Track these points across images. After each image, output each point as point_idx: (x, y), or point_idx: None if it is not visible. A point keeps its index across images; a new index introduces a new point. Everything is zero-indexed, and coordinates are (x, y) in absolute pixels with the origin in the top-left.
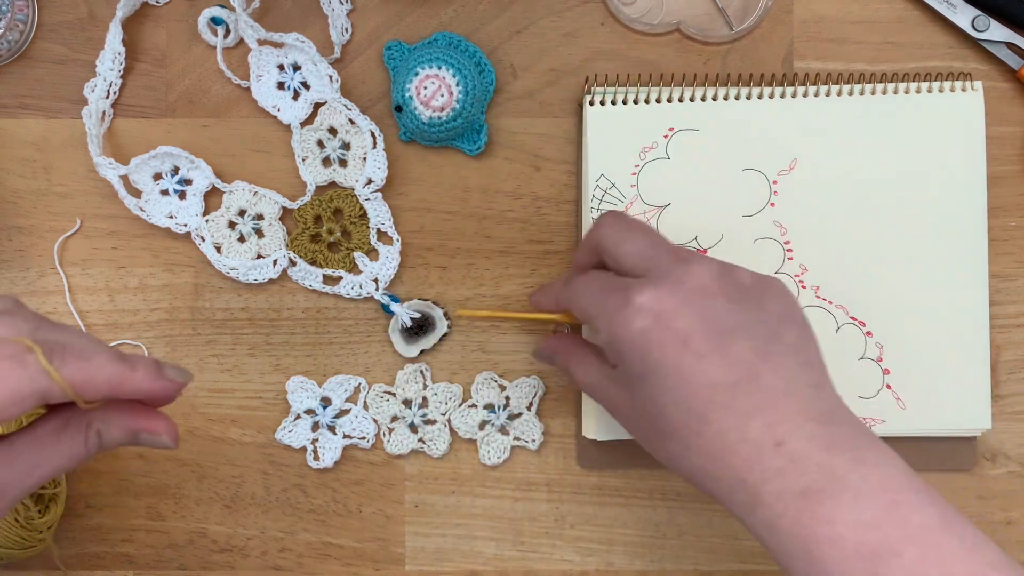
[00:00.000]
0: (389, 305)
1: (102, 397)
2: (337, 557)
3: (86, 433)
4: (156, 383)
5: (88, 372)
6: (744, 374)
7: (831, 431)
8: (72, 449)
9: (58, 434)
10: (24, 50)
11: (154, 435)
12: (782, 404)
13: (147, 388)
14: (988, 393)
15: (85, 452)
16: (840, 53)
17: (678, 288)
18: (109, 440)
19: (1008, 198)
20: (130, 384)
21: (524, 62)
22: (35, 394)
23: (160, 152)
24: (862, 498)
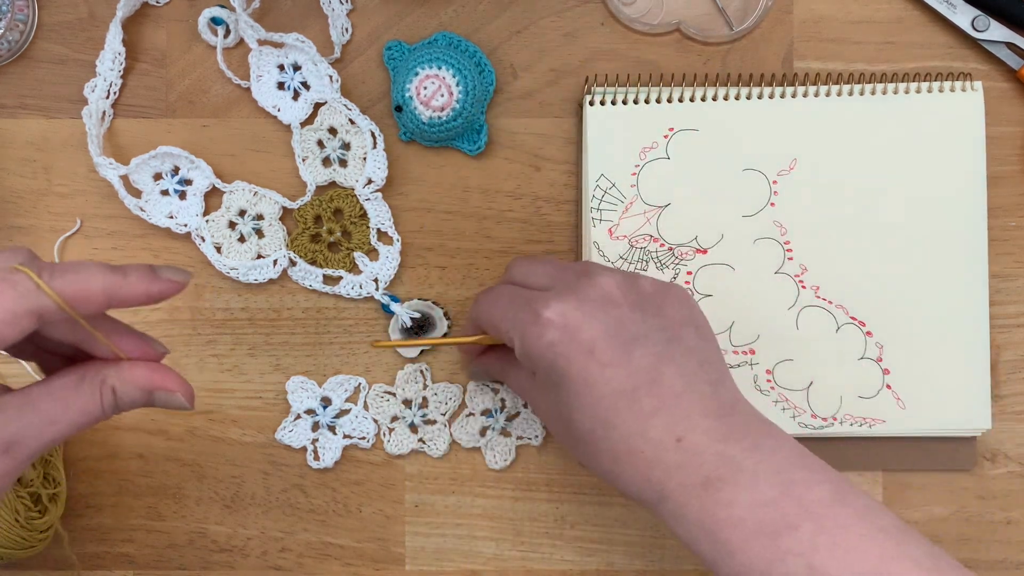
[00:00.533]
0: (389, 305)
1: (98, 308)
2: (337, 557)
3: (101, 388)
4: (152, 284)
5: (79, 283)
6: (645, 379)
7: (727, 423)
8: (88, 403)
9: (74, 388)
10: (24, 50)
11: (169, 393)
12: (681, 403)
13: (143, 290)
14: (988, 393)
15: (100, 409)
16: (840, 53)
17: (583, 300)
18: (124, 397)
19: (1008, 198)
20: (124, 289)
21: (524, 62)
22: (28, 312)
23: (160, 152)
24: (759, 481)
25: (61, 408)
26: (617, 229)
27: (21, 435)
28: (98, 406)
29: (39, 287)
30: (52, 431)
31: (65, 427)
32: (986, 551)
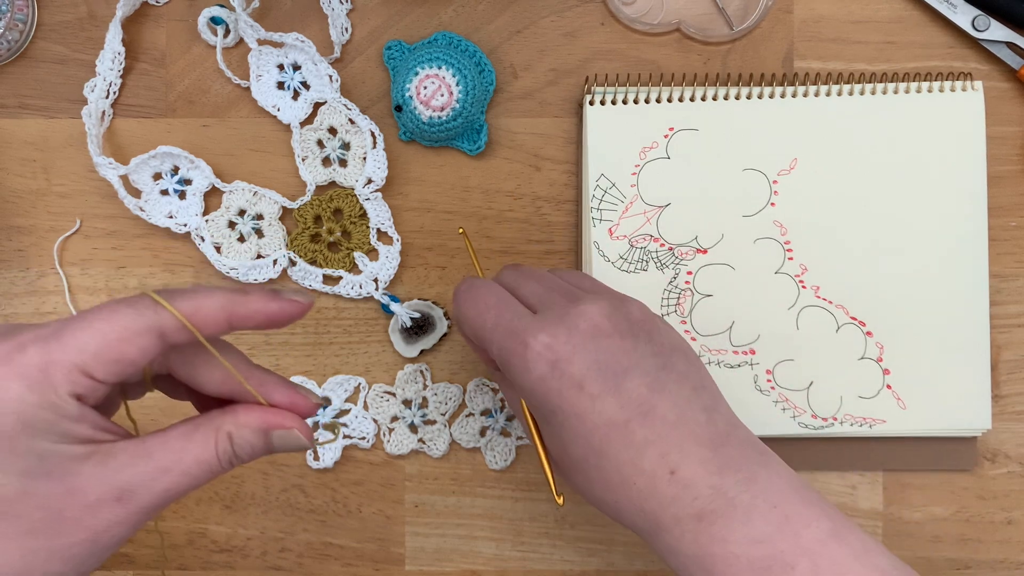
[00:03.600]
0: (389, 305)
1: (218, 326)
2: (337, 557)
3: (216, 435)
4: (272, 303)
5: (199, 300)
6: (637, 410)
7: (722, 454)
8: (202, 452)
9: (188, 435)
10: (24, 50)
11: (286, 432)
12: (674, 433)
13: (263, 309)
14: (988, 393)
15: (215, 457)
16: (840, 53)
17: (572, 333)
18: (240, 442)
19: (1008, 198)
20: (244, 307)
21: (524, 62)
22: (147, 328)
23: (160, 152)
24: (753, 516)
25: (175, 456)
26: (617, 229)
27: (133, 483)
28: (212, 454)
29: (156, 302)
30: (166, 480)
31: (179, 476)
32: (986, 551)
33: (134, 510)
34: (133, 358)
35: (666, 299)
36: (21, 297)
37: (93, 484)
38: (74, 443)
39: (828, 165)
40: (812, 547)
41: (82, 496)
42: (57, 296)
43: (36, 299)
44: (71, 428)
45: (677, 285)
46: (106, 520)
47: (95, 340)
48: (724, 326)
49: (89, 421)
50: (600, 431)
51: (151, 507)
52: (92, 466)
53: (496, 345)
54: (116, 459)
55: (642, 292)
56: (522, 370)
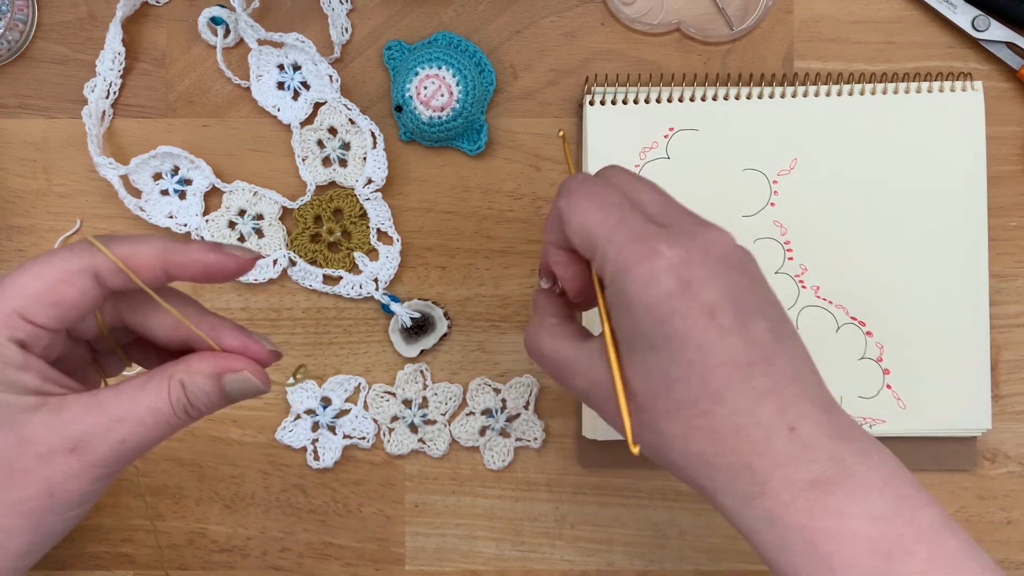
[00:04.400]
0: (389, 305)
1: (155, 273)
2: (337, 557)
3: (169, 383)
4: (211, 254)
5: (136, 246)
6: (760, 354)
7: (837, 420)
8: (155, 400)
9: (142, 386)
10: (24, 50)
11: (236, 375)
12: (791, 389)
13: (201, 259)
14: (988, 393)
15: (168, 405)
16: (840, 53)
17: (707, 255)
18: (194, 389)
19: (1008, 198)
20: (181, 255)
21: (524, 62)
22: (83, 269)
23: (160, 152)
24: (871, 492)
25: (128, 406)
26: None
27: (86, 433)
28: (166, 401)
29: (94, 246)
30: (121, 430)
31: (133, 426)
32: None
33: (89, 461)
34: (72, 300)
35: None
36: None
37: (44, 434)
38: (22, 393)
39: (828, 165)
40: (928, 535)
41: (33, 446)
42: None
43: None
44: (16, 377)
45: None
46: (61, 472)
47: (32, 283)
48: None
49: (36, 370)
50: (721, 371)
51: (107, 459)
52: (43, 416)
53: (616, 248)
54: (68, 410)
55: None
56: (645, 281)
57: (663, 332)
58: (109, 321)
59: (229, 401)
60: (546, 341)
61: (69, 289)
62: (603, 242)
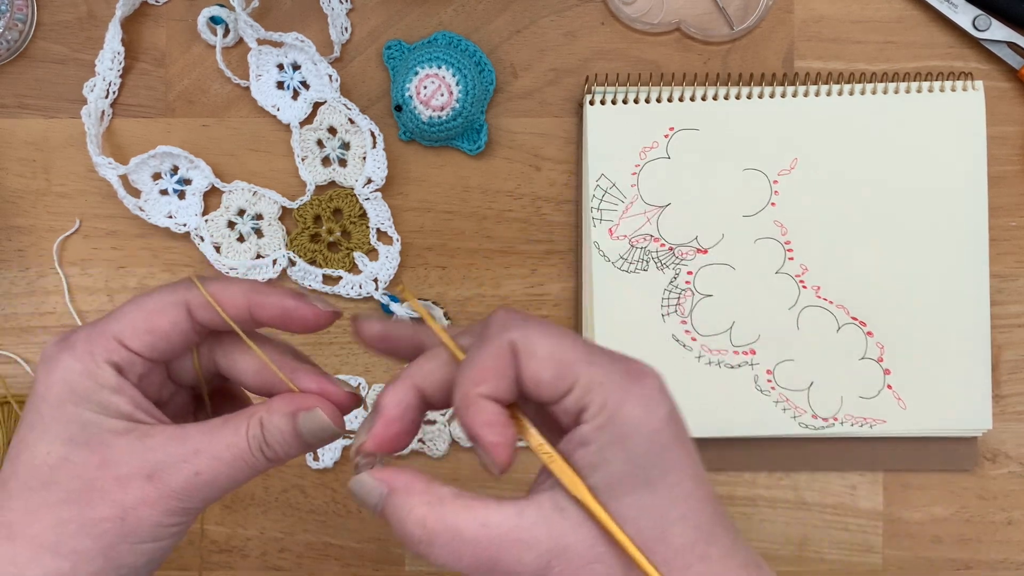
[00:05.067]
0: (389, 305)
1: (238, 310)
2: (337, 557)
3: (248, 421)
4: (290, 299)
5: (226, 283)
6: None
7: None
8: (233, 435)
9: (225, 422)
10: (23, 49)
11: (309, 411)
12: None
13: (280, 302)
14: (989, 393)
15: (246, 442)
16: (841, 53)
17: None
18: (270, 428)
19: (1008, 198)
20: (264, 296)
21: (524, 61)
22: (176, 302)
23: (159, 152)
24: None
25: (207, 440)
26: (617, 229)
27: (164, 462)
28: (243, 438)
29: (192, 284)
30: (196, 462)
31: (209, 459)
32: (986, 551)
33: (164, 491)
34: (164, 329)
35: (666, 299)
36: (21, 297)
37: (126, 458)
38: (114, 416)
39: (828, 165)
40: None
41: (114, 468)
42: (57, 296)
43: (36, 299)
44: (110, 400)
45: (677, 285)
46: (134, 497)
47: (131, 312)
48: (724, 326)
49: (128, 396)
50: (712, 506)
51: (182, 490)
52: (128, 441)
53: (606, 372)
54: (152, 438)
55: (642, 292)
56: (647, 405)
57: (664, 463)
58: (205, 365)
59: (304, 443)
60: (457, 515)
61: (163, 318)
62: (587, 368)
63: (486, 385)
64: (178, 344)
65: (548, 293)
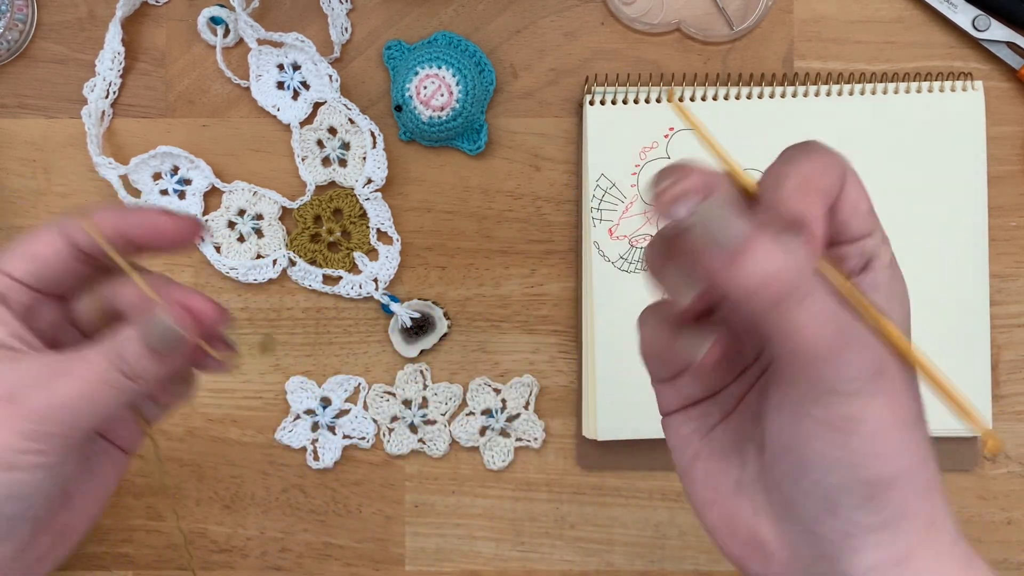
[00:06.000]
0: (389, 305)
1: (113, 231)
2: (337, 557)
3: (110, 340)
4: (155, 211)
5: (101, 210)
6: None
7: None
8: (94, 355)
9: (91, 345)
10: (24, 50)
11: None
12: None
13: (145, 214)
14: (989, 393)
15: (104, 360)
16: (840, 53)
17: None
18: (123, 339)
19: (1008, 198)
20: (132, 212)
21: (524, 62)
22: (58, 230)
23: (159, 152)
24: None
25: (66, 361)
26: (617, 229)
27: (22, 383)
28: (102, 355)
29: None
30: (55, 381)
31: (69, 378)
32: (986, 551)
33: (19, 411)
34: (44, 255)
35: None
36: None
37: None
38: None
39: None
40: None
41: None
42: None
43: None
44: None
45: None
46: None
47: (15, 245)
48: None
49: (6, 324)
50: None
51: (39, 412)
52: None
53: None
54: (18, 362)
55: (642, 292)
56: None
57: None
58: (104, 310)
59: (154, 352)
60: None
61: (43, 245)
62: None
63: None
64: (61, 272)
65: (548, 293)
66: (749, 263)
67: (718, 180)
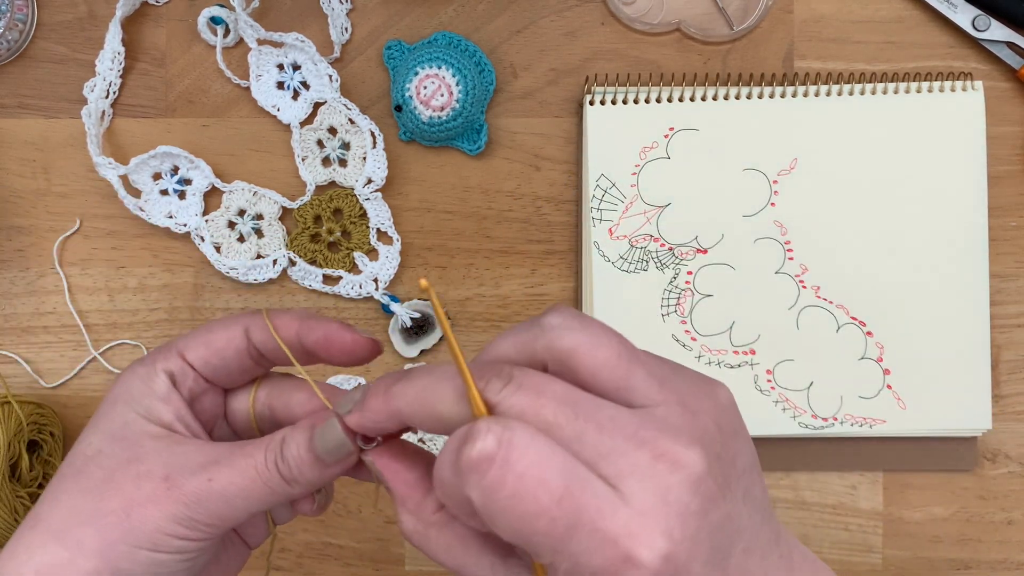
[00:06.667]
0: (389, 305)
1: (289, 336)
2: (337, 557)
3: (273, 438)
4: (336, 324)
5: (283, 311)
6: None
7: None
8: (254, 450)
9: (253, 440)
10: (24, 49)
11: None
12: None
13: (327, 327)
14: (988, 393)
15: (263, 457)
16: (840, 53)
17: (684, 516)
18: (289, 441)
19: (1008, 198)
20: (314, 320)
21: (524, 61)
22: (235, 323)
23: (159, 152)
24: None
25: (227, 452)
26: (617, 229)
27: (182, 467)
28: (262, 450)
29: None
30: (212, 469)
31: (226, 470)
32: (987, 551)
33: (174, 493)
34: (218, 344)
35: (666, 299)
36: (21, 297)
37: (151, 457)
38: (154, 422)
39: (828, 165)
40: None
41: (136, 465)
42: (57, 296)
43: (36, 299)
44: (155, 405)
45: (677, 285)
46: (145, 493)
47: (196, 332)
48: (724, 326)
49: (173, 406)
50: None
51: (192, 495)
52: (158, 445)
53: (570, 559)
54: (181, 446)
55: (642, 292)
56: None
57: None
58: (259, 411)
59: (318, 460)
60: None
61: (219, 333)
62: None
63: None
64: (232, 362)
65: (548, 293)
66: None
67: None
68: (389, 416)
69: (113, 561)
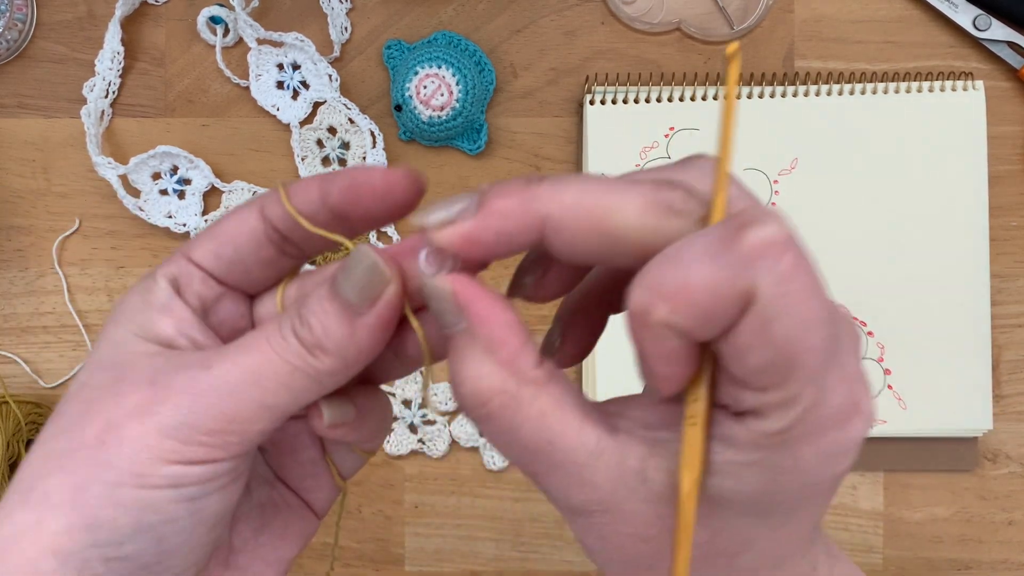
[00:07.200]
0: None
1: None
2: (337, 557)
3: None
4: (359, 169)
5: (303, 180)
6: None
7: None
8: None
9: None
10: (23, 49)
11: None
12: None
13: (350, 174)
14: (989, 393)
15: (276, 327)
16: (841, 52)
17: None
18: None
19: (1009, 198)
20: (334, 175)
21: (524, 61)
22: (251, 206)
23: (159, 152)
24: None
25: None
26: None
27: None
28: (276, 327)
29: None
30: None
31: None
32: (987, 551)
33: (162, 395)
34: (229, 232)
35: None
36: (20, 297)
37: (137, 373)
38: (148, 339)
39: (829, 165)
40: None
41: (119, 385)
42: (56, 296)
43: (35, 299)
44: (153, 320)
45: None
46: (125, 411)
47: (208, 227)
48: None
49: (176, 317)
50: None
51: (187, 392)
52: (147, 360)
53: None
54: (181, 356)
55: None
56: (836, 455)
57: (803, 507)
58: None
59: (349, 311)
60: (527, 416)
61: (236, 224)
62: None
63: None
64: (247, 251)
65: None
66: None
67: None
68: (526, 225)
69: (88, 510)
